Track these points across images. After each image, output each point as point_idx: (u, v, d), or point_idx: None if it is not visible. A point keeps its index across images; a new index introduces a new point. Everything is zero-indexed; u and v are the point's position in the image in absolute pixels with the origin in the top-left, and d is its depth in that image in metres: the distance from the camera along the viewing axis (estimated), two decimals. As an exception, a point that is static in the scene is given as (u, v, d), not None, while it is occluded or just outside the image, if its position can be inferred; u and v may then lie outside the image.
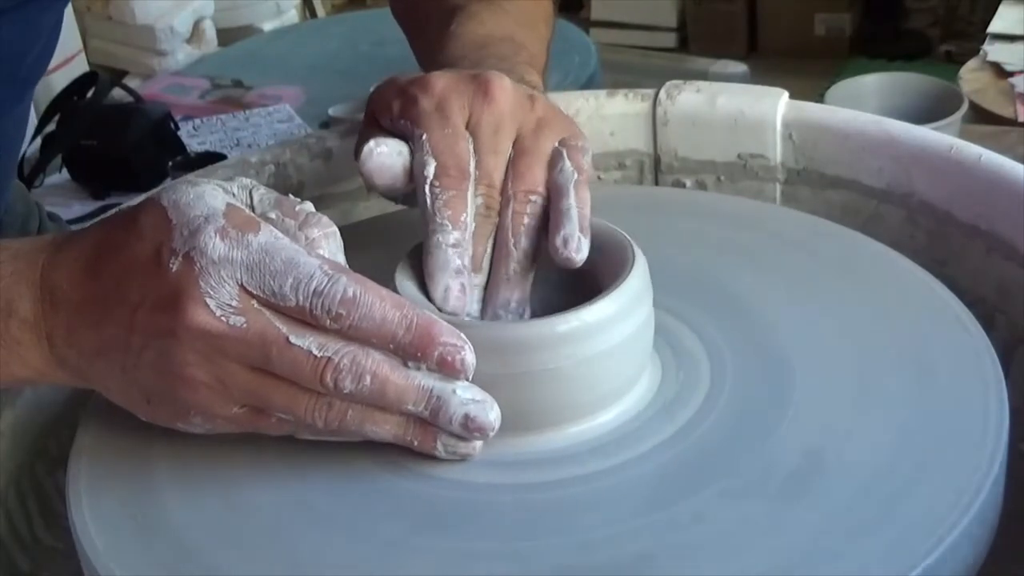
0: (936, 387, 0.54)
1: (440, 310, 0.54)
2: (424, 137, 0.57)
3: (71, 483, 0.55)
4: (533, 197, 0.57)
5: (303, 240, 0.52)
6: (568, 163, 0.57)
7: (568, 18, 2.68)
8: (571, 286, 0.58)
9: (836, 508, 0.49)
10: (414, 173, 0.57)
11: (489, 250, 0.57)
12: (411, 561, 0.49)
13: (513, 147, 0.58)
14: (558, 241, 0.55)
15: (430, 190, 0.56)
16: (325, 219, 0.53)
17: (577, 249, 0.55)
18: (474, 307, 0.56)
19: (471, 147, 0.58)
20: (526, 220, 0.57)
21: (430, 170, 0.56)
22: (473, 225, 0.56)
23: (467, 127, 0.58)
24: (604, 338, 0.53)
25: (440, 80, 0.60)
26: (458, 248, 0.55)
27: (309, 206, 0.54)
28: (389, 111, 0.60)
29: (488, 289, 0.57)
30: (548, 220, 0.57)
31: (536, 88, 0.65)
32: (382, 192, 0.60)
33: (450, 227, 0.55)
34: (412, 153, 0.58)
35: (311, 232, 0.52)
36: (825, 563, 0.46)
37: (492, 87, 0.59)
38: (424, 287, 0.56)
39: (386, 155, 0.58)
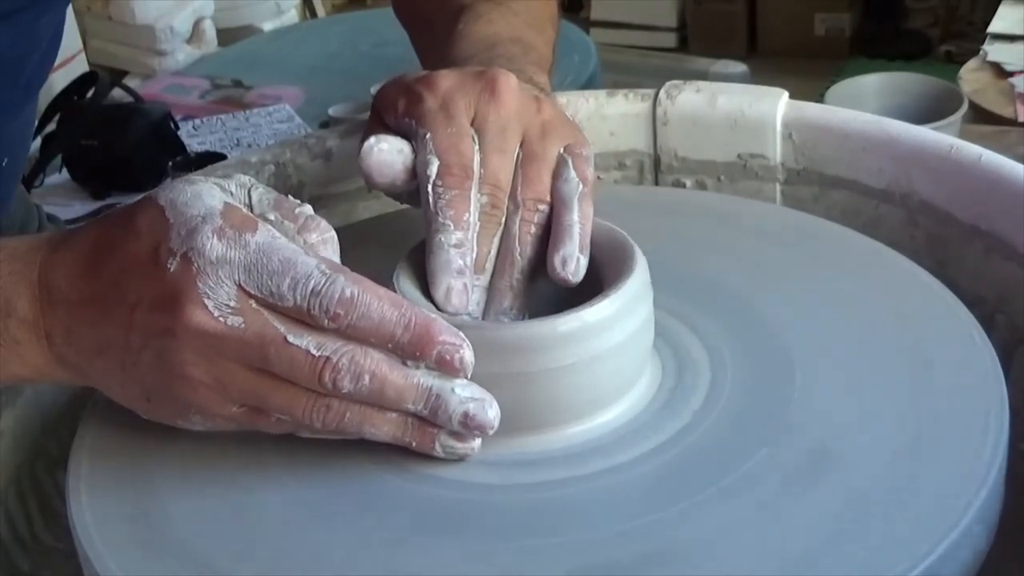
0: (936, 387, 0.54)
1: (441, 310, 0.54)
2: (428, 136, 0.57)
3: (71, 483, 0.55)
4: (541, 207, 0.57)
5: (301, 244, 0.52)
6: (573, 173, 0.57)
7: (568, 18, 2.66)
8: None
9: (835, 508, 0.49)
10: (417, 172, 0.57)
11: (493, 252, 0.57)
12: (411, 561, 0.49)
13: (520, 149, 0.58)
14: (557, 260, 0.56)
15: (433, 189, 0.56)
16: (324, 223, 0.53)
17: (575, 272, 0.56)
18: (475, 306, 0.56)
19: (476, 146, 0.57)
20: (533, 230, 0.57)
21: (433, 169, 0.56)
22: (477, 224, 0.56)
23: (472, 125, 0.58)
24: (604, 338, 0.53)
25: (446, 79, 0.59)
26: (460, 248, 0.55)
27: (308, 209, 0.53)
28: (394, 109, 0.60)
29: (489, 294, 0.57)
30: (550, 229, 0.57)
31: (544, 89, 0.65)
32: (382, 190, 0.60)
33: (452, 227, 0.55)
34: (415, 151, 0.58)
35: (309, 236, 0.52)
36: (824, 563, 0.46)
37: (498, 85, 0.59)
38: (424, 286, 0.56)
39: (386, 152, 0.58)
